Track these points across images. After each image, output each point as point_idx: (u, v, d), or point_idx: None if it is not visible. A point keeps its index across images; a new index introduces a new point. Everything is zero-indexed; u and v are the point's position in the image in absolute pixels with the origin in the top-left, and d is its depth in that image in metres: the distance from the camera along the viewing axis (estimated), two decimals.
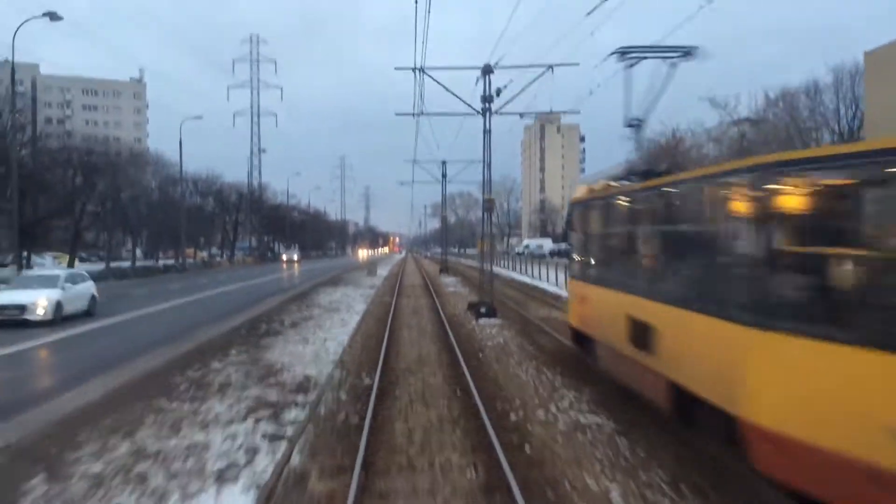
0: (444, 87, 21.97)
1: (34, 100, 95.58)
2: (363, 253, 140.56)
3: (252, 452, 8.19)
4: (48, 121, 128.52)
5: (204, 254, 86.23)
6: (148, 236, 72.08)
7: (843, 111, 62.56)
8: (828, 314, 5.74)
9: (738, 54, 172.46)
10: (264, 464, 7.80)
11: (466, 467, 7.76)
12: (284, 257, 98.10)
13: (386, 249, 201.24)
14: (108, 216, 55.39)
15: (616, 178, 12.01)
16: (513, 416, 9.93)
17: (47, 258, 65.36)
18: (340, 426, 9.51)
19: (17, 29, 35.26)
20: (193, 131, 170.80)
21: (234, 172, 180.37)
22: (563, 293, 23.81)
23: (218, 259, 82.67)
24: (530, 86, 22.83)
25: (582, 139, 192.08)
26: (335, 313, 23.59)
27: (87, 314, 23.64)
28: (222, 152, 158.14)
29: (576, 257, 14.45)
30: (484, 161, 23.39)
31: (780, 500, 6.25)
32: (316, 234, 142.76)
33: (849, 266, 5.64)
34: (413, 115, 27.58)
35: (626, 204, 10.95)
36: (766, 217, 6.36)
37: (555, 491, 7.02)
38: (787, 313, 6.01)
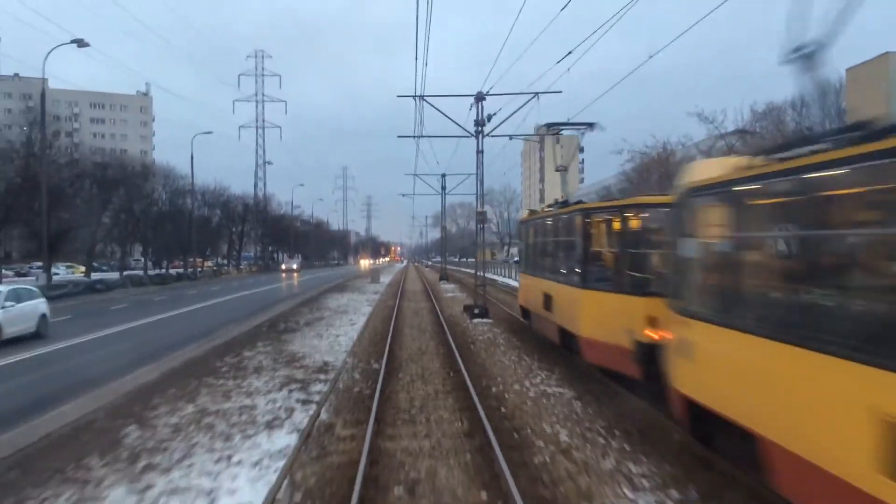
0: (441, 112, 24.64)
1: (43, 113, 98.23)
2: (365, 262, 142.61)
3: (290, 411, 10.65)
4: (56, 133, 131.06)
5: (211, 263, 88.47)
6: (157, 246, 74.50)
7: (828, 125, 65.11)
8: (605, 279, 12.58)
9: (726, 68, 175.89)
10: (300, 417, 10.25)
11: (454, 421, 10.20)
12: (284, 267, 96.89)
13: (387, 259, 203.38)
14: (122, 227, 57.85)
15: (550, 206, 17.28)
16: (493, 389, 12.38)
17: (61, 268, 67.91)
18: (356, 395, 11.96)
19: (48, 54, 37.79)
20: (199, 143, 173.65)
21: (238, 181, 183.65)
22: None
23: (226, 268, 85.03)
24: (519, 110, 25.28)
25: (581, 150, 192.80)
26: (344, 315, 26.11)
27: (37, 336, 20.61)
28: (227, 162, 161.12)
29: (521, 258, 21.60)
30: (477, 177, 26.00)
31: (684, 442, 8.66)
32: (318, 244, 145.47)
33: (609, 256, 12.79)
34: (413, 136, 30.17)
35: (539, 224, 18.13)
36: (586, 234, 13.15)
37: (518, 433, 9.46)
38: (593, 280, 12.73)
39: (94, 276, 53.19)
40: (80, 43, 36.38)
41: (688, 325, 7.79)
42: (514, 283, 47.30)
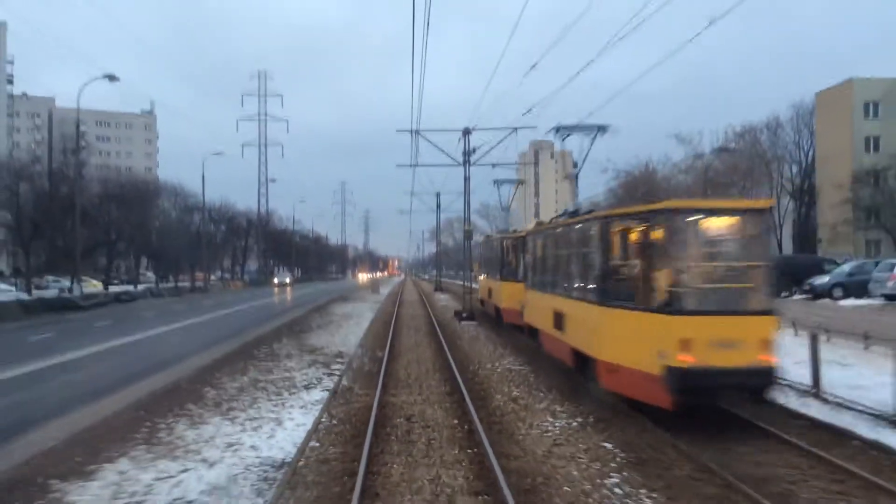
0: (435, 145, 28.68)
1: (50, 132, 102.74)
2: (363, 276, 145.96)
3: (319, 379, 14.52)
4: (63, 151, 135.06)
5: (215, 276, 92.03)
6: (166, 260, 78.20)
7: (801, 143, 69.29)
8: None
9: (704, 92, 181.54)
10: (328, 383, 14.12)
11: (439, 385, 14.06)
12: (276, 281, 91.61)
13: (385, 273, 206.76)
14: (138, 244, 61.67)
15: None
16: (471, 368, 16.25)
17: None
18: (366, 371, 15.83)
19: (82, 88, 41.76)
20: (200, 158, 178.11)
21: (239, 194, 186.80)
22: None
23: (236, 280, 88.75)
24: (500, 143, 29.28)
25: (574, 165, 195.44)
26: (350, 318, 30.04)
27: None
28: (228, 176, 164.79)
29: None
30: (465, 201, 30.00)
31: (605, 402, 12.50)
32: (318, 257, 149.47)
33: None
34: (410, 165, 34.19)
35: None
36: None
37: (484, 391, 13.33)
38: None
39: (112, 288, 56.86)
40: (112, 78, 40.37)
41: (527, 292, 18.80)
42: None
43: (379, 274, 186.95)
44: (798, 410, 11.01)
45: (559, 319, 14.50)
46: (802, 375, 12.33)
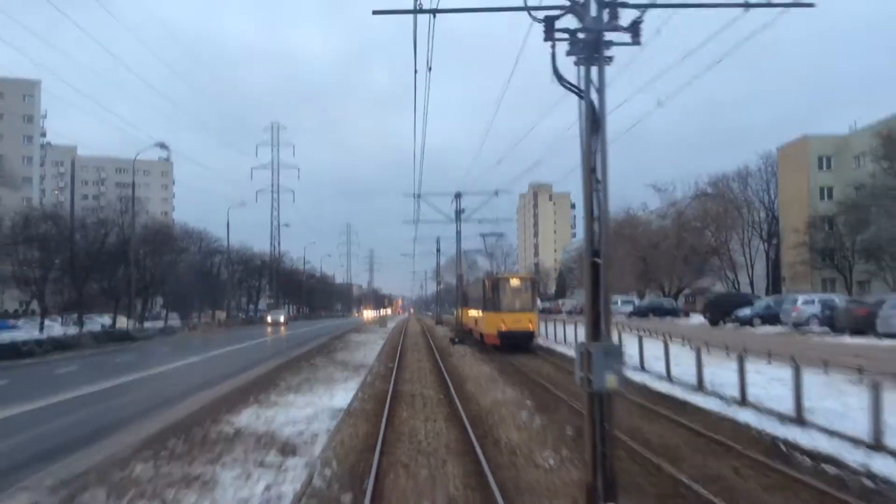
0: (434, 207, 36.08)
1: (73, 179, 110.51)
2: (368, 314, 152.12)
3: (349, 379, 21.25)
4: (84, 197, 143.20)
5: (223, 313, 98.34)
6: (190, 299, 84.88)
7: (770, 191, 76.22)
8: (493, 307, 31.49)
9: (679, 145, 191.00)
10: (358, 380, 20.85)
11: (434, 381, 20.80)
12: (269, 319, 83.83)
13: (389, 311, 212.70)
14: (167, 285, 68.56)
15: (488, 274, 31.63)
16: (457, 371, 23.03)
17: (105, 318, 78.22)
18: (383, 374, 22.58)
19: (137, 155, 48.96)
20: (216, 202, 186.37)
21: (250, 235, 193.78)
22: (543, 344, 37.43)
23: (256, 316, 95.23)
24: (485, 205, 36.38)
25: (573, 206, 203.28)
26: (365, 345, 36.85)
27: None
28: (242, 219, 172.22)
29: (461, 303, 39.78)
30: (457, 251, 37.06)
31: (531, 379, 19.24)
32: (325, 296, 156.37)
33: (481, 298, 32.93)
34: (413, 221, 41.68)
35: (471, 287, 36.45)
36: (488, 287, 32.66)
37: (463, 382, 20.06)
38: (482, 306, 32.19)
39: (146, 324, 63.53)
40: (163, 145, 47.63)
41: (466, 311, 40.02)
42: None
43: (383, 312, 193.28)
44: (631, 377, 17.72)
45: (474, 320, 35.63)
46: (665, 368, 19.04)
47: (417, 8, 8.70)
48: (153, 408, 16.40)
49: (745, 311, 36.00)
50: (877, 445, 10.01)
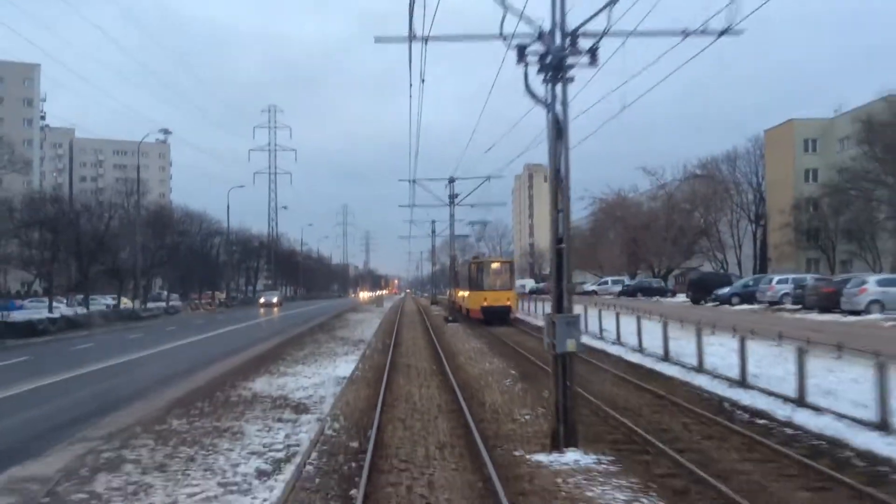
0: (429, 192, 37.85)
1: (71, 161, 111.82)
2: (364, 294, 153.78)
3: (350, 353, 23.05)
4: (83, 179, 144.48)
5: (222, 294, 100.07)
6: (190, 279, 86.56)
7: (758, 173, 77.89)
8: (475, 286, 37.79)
9: (667, 131, 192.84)
10: (358, 353, 22.66)
11: (428, 354, 22.61)
12: (262, 301, 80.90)
13: (386, 291, 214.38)
14: (171, 265, 70.23)
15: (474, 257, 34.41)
16: (449, 345, 24.86)
17: (108, 299, 79.93)
18: (381, 348, 24.40)
19: (143, 139, 50.44)
20: (211, 184, 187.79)
21: (248, 217, 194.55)
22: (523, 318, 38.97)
23: (254, 297, 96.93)
24: (479, 188, 38.15)
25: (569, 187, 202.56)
26: (363, 323, 38.72)
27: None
28: (239, 201, 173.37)
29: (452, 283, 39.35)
30: (451, 234, 38.82)
31: (517, 352, 21.04)
32: (321, 277, 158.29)
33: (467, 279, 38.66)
34: (409, 206, 43.48)
35: (459, 269, 39.99)
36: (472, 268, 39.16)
37: (455, 355, 21.89)
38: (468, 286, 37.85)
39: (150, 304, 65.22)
40: (166, 132, 49.13)
41: (457, 290, 42.53)
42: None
43: (379, 292, 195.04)
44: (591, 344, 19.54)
45: (462, 297, 40.95)
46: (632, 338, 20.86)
47: (412, 36, 10.36)
48: (174, 377, 18.17)
49: (724, 291, 37.86)
50: (800, 401, 11.82)
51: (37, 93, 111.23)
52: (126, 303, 76.03)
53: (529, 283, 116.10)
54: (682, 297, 48.82)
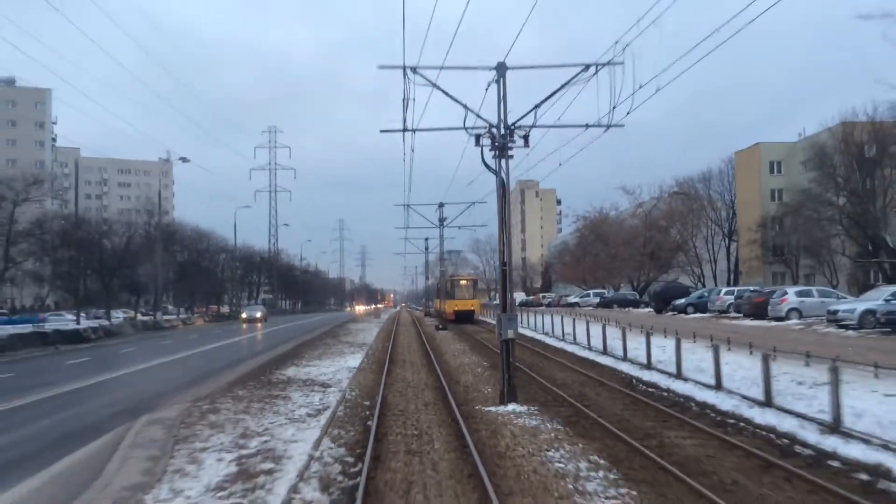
0: (422, 216, 42.97)
1: (76, 179, 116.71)
2: (360, 308, 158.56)
3: (356, 352, 28.12)
4: (87, 196, 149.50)
5: (226, 308, 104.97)
6: (198, 293, 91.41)
7: (731, 191, 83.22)
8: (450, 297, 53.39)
9: (647, 146, 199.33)
10: (362, 352, 27.73)
11: (419, 354, 27.68)
12: (245, 315, 73.71)
13: (381, 305, 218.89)
14: (183, 281, 75.12)
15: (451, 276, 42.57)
16: (440, 348, 29.87)
17: (119, 312, 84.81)
18: (381, 349, 29.47)
19: (165, 160, 55.22)
20: (211, 200, 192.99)
21: (246, 232, 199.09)
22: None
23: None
24: (461, 214, 43.24)
25: (558, 202, 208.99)
26: (364, 331, 43.79)
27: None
28: (232, 214, 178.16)
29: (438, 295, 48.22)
30: (440, 251, 43.87)
31: (490, 349, 26.12)
32: (318, 291, 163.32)
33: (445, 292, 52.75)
34: (404, 229, 49.01)
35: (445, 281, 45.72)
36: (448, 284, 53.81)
37: (442, 353, 26.97)
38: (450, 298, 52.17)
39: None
40: (184, 160, 54.12)
41: (439, 301, 58.19)
42: (482, 318, 65.29)
43: (375, 306, 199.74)
44: (536, 337, 24.58)
45: (442, 304, 55.76)
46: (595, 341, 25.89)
47: (405, 128, 15.58)
48: (220, 369, 23.22)
49: (681, 301, 42.92)
50: (678, 375, 16.90)
51: (48, 116, 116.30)
52: (134, 315, 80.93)
53: (520, 296, 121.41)
54: (649, 308, 53.90)
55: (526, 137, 15.34)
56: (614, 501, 8.09)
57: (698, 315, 40.02)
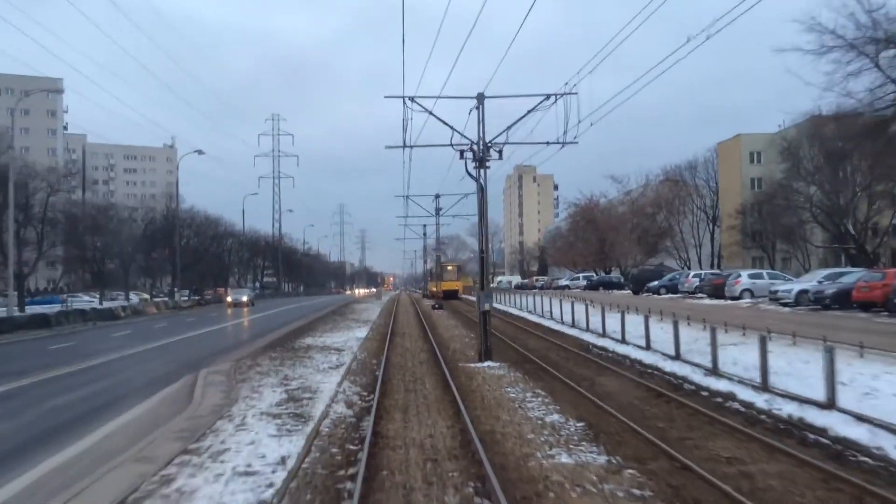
0: (420, 206, 47.14)
1: (84, 165, 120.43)
2: (361, 291, 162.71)
3: (362, 326, 32.35)
4: (94, 182, 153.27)
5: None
6: (204, 276, 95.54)
7: (715, 179, 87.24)
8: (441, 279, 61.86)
9: (634, 135, 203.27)
10: (368, 326, 31.95)
11: (417, 329, 31.92)
12: (230, 299, 66.06)
13: (382, 288, 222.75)
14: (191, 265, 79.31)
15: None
16: (435, 325, 34.11)
17: (133, 296, 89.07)
18: (383, 324, 33.69)
19: (180, 158, 59.35)
20: (212, 184, 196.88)
21: (250, 214, 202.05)
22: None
23: (266, 291, 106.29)
24: (455, 204, 47.24)
25: (556, 187, 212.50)
26: (367, 310, 48.03)
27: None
28: (235, 198, 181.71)
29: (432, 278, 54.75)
30: (436, 238, 48.08)
31: (473, 321, 30.40)
32: (319, 274, 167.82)
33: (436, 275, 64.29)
34: (404, 217, 53.26)
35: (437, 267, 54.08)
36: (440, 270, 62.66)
37: (437, 328, 31.21)
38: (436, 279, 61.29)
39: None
40: (200, 152, 58.09)
41: (432, 283, 71.33)
42: (473, 299, 70.04)
43: (377, 289, 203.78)
44: (517, 312, 28.77)
45: (433, 285, 71.02)
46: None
47: (405, 144, 19.74)
48: (250, 338, 27.49)
49: (655, 283, 47.11)
50: (622, 341, 21.10)
51: (59, 105, 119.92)
52: (146, 297, 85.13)
53: (515, 279, 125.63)
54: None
55: (500, 152, 19.46)
56: (542, 409, 12.29)
57: (669, 295, 44.19)
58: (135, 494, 7.47)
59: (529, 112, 19.19)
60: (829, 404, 10.71)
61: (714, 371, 14.86)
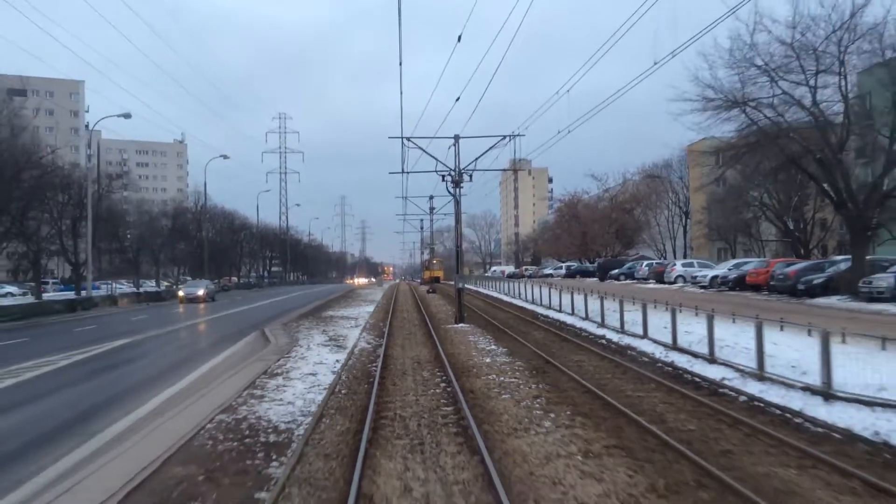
0: (416, 205, 55.02)
1: (98, 161, 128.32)
2: (361, 280, 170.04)
3: (369, 305, 40.41)
4: (108, 176, 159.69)
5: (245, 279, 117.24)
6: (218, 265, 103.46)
7: (686, 180, 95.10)
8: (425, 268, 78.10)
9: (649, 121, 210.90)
10: (373, 304, 40.03)
11: (414, 315, 39.94)
12: (182, 294, 53.31)
13: (383, 277, 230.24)
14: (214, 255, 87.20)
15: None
16: (431, 308, 42.13)
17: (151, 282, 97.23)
18: (385, 305, 41.74)
19: (208, 162, 66.99)
20: (223, 175, 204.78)
21: (247, 205, 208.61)
22: (482, 291, 55.78)
23: (270, 281, 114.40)
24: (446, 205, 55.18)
25: (550, 181, 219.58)
26: (371, 294, 56.03)
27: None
28: (240, 190, 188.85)
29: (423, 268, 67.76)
30: (431, 233, 56.00)
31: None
32: (321, 264, 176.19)
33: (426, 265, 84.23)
34: (403, 215, 60.80)
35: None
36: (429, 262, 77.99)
37: (434, 314, 39.25)
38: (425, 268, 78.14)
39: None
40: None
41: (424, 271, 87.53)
42: (473, 287, 78.22)
43: (378, 278, 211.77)
44: (508, 300, 36.78)
45: (425, 273, 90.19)
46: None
47: (403, 170, 27.83)
48: (282, 312, 35.51)
49: (615, 271, 55.16)
50: (570, 311, 29.10)
51: (82, 105, 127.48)
52: (176, 282, 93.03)
53: (509, 269, 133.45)
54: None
55: (471, 176, 27.55)
56: (486, 345, 20.31)
57: (627, 281, 52.23)
58: (268, 371, 15.46)
59: (490, 148, 27.32)
60: (645, 336, 18.80)
61: (621, 329, 22.75)
